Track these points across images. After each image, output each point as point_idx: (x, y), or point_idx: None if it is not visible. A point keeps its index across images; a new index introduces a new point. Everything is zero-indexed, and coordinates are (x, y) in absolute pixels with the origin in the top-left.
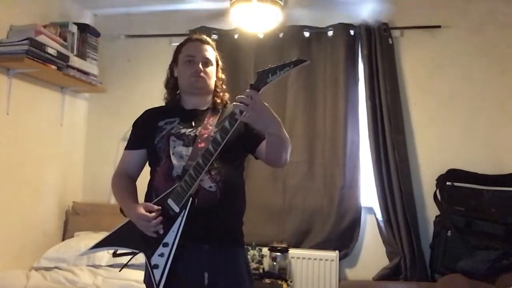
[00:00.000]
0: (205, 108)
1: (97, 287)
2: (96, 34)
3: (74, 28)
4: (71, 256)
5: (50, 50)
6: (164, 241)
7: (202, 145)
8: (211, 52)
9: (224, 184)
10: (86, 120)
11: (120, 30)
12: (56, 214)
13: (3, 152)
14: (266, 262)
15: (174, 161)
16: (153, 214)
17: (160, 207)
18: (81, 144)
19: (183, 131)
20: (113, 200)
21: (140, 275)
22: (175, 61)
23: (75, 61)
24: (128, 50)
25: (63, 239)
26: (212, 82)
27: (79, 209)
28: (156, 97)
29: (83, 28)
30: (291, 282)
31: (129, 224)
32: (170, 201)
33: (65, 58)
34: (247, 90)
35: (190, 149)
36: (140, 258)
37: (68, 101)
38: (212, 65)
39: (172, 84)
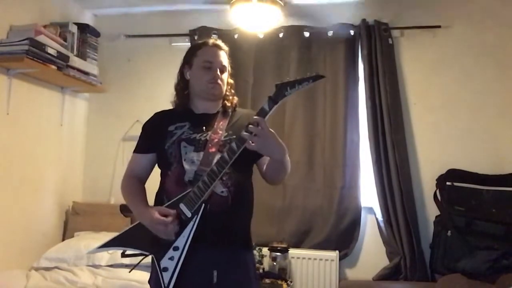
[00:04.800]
0: (214, 112)
1: (97, 287)
2: (96, 34)
3: (74, 28)
4: (71, 256)
5: (50, 50)
6: (175, 244)
7: (213, 150)
8: (226, 59)
9: (235, 189)
10: (86, 120)
11: (120, 30)
12: (56, 214)
13: (3, 152)
14: (266, 262)
15: (186, 166)
16: (170, 218)
17: (176, 211)
18: (81, 144)
19: (193, 136)
20: (113, 200)
21: (140, 275)
22: (188, 63)
23: (75, 61)
24: (128, 50)
25: (63, 239)
26: (225, 88)
27: (79, 209)
28: (156, 97)
29: (83, 28)
30: (291, 282)
31: (140, 226)
32: (182, 206)
33: (65, 58)
34: (254, 117)
35: (201, 154)
36: (140, 258)
37: (68, 101)
38: (226, 71)
39: (183, 86)
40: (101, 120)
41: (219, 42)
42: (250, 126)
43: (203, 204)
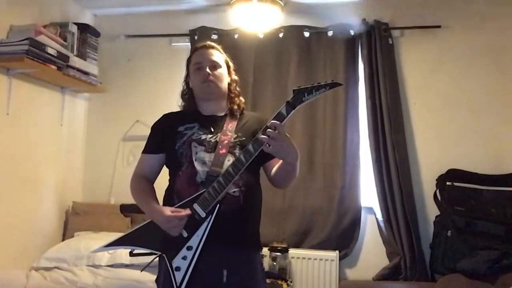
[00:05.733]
0: (222, 114)
1: (97, 287)
2: (96, 34)
3: (74, 28)
4: (71, 256)
5: (50, 50)
6: (188, 244)
7: (223, 151)
8: (217, 55)
9: (246, 189)
10: (86, 120)
11: (120, 30)
12: (56, 214)
13: (3, 152)
14: (266, 262)
15: (198, 167)
16: (183, 213)
17: (189, 210)
18: (81, 144)
19: (203, 137)
20: (113, 200)
21: (140, 274)
22: (188, 72)
23: (75, 61)
24: (128, 50)
25: (63, 239)
26: (223, 85)
27: (79, 209)
28: (156, 97)
29: (83, 28)
30: (291, 282)
31: (150, 225)
32: (196, 206)
33: (65, 58)
34: (272, 121)
35: (212, 155)
36: (141, 258)
37: (68, 101)
38: (220, 67)
39: (188, 94)
40: (101, 120)
41: (208, 42)
42: (269, 130)
43: (218, 205)
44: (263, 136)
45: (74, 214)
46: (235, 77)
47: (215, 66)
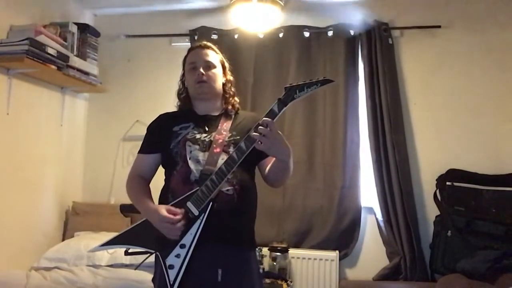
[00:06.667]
0: (217, 113)
1: (97, 287)
2: (96, 34)
3: (74, 28)
4: (71, 256)
5: (50, 50)
6: (182, 242)
7: (218, 150)
8: (212, 55)
9: (241, 187)
10: (86, 120)
11: (120, 30)
12: (56, 214)
13: (3, 152)
14: (266, 262)
15: (192, 165)
16: (178, 217)
17: (184, 210)
18: (81, 144)
19: (198, 136)
20: (113, 200)
21: (140, 274)
22: (184, 71)
23: (75, 61)
24: (128, 50)
25: (63, 239)
26: (217, 85)
27: (79, 209)
28: (156, 97)
29: (83, 28)
30: (291, 282)
31: (144, 224)
32: (189, 204)
33: (65, 58)
34: (264, 119)
35: (206, 154)
36: (140, 258)
37: (68, 101)
38: (215, 67)
39: (184, 93)
40: (101, 120)
41: (203, 42)
42: (260, 127)
43: (211, 203)
44: (254, 133)
45: (74, 214)
46: (230, 77)
47: (209, 66)
